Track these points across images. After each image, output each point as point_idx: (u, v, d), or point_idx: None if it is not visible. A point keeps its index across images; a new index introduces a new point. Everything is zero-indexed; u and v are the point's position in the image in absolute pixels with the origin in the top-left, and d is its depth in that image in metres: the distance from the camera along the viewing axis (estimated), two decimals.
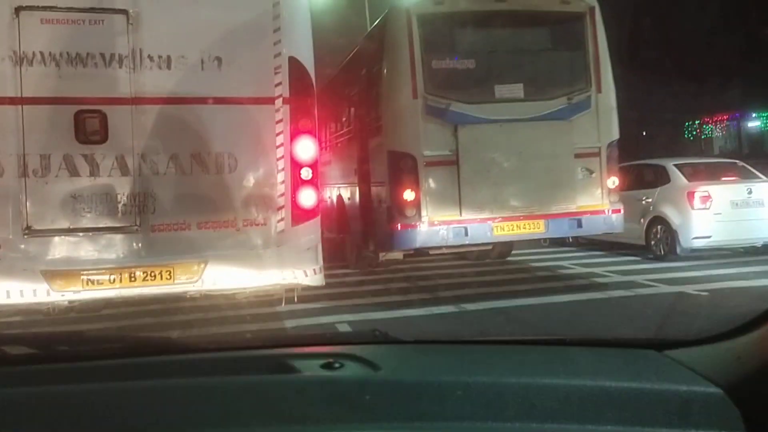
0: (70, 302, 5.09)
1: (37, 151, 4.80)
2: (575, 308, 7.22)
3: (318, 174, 5.43)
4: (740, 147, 25.74)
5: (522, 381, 1.45)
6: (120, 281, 4.94)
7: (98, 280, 4.90)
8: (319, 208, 5.51)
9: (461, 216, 7.80)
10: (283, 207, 5.21)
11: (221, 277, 5.13)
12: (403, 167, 7.84)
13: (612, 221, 8.29)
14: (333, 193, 11.42)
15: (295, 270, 5.26)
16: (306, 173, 5.25)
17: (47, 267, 4.82)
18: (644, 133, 29.02)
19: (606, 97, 8.28)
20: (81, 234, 4.92)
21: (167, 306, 7.00)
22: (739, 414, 1.31)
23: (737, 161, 11.71)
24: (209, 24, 5.12)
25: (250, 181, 5.22)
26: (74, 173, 4.87)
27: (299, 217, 5.27)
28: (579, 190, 8.11)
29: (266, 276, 5.23)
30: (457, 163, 7.81)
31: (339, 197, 11.10)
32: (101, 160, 4.91)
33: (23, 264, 4.80)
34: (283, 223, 5.22)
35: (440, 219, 7.79)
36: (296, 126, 5.22)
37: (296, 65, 5.23)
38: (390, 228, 7.97)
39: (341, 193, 11.00)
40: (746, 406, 1.32)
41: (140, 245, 5.00)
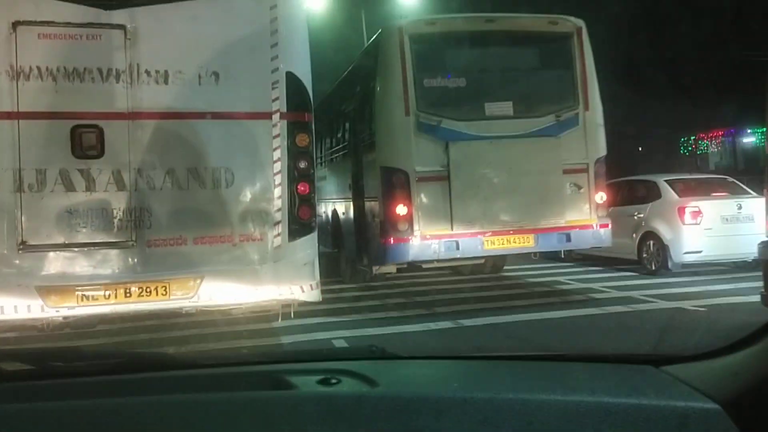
0: (65, 318, 5.04)
1: (33, 166, 4.78)
2: (573, 324, 7.20)
3: (315, 189, 5.43)
4: (735, 162, 25.88)
5: (519, 397, 1.44)
6: (115, 297, 4.91)
7: (93, 296, 4.87)
8: (316, 223, 5.50)
9: (452, 230, 7.97)
10: (280, 222, 5.21)
11: (217, 293, 5.10)
12: (396, 182, 8.00)
13: (600, 235, 8.45)
14: (328, 208, 11.51)
15: (292, 285, 5.24)
16: (303, 188, 5.26)
17: (42, 283, 4.80)
18: (640, 149, 29.17)
19: (593, 115, 8.48)
20: (76, 249, 4.90)
21: (163, 322, 6.96)
22: (737, 430, 1.31)
23: (727, 177, 11.81)
24: (207, 39, 5.14)
25: (247, 196, 5.21)
26: (70, 188, 4.86)
27: (296, 232, 5.26)
28: (567, 205, 8.29)
29: (263, 291, 5.20)
30: (449, 179, 7.98)
31: (334, 212, 11.20)
32: (97, 175, 4.90)
33: (17, 280, 4.77)
34: (280, 238, 5.21)
35: (432, 233, 7.95)
36: (293, 141, 5.22)
37: (293, 80, 5.24)
38: (383, 242, 8.11)
39: (336, 208, 11.09)
40: (744, 422, 1.31)
41: (136, 260, 4.97)
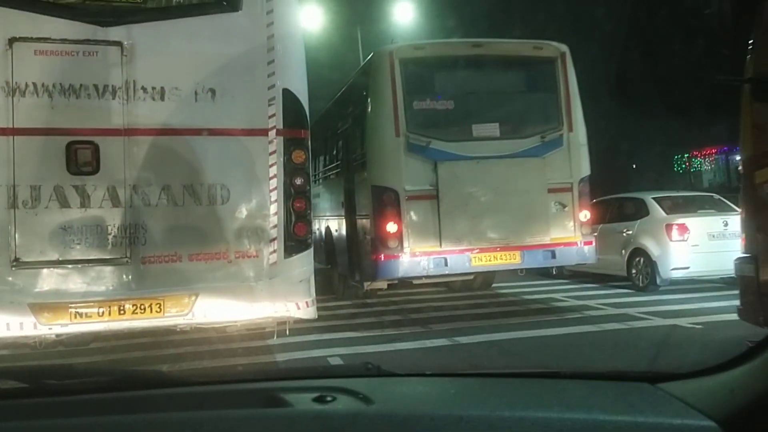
0: (58, 336, 4.99)
1: (28, 182, 4.76)
2: (569, 341, 7.19)
3: (311, 205, 5.43)
4: (729, 180, 25.97)
5: (515, 414, 1.44)
6: (109, 314, 4.86)
7: (86, 313, 4.83)
8: (312, 240, 5.48)
9: (441, 247, 8.21)
10: (276, 239, 5.19)
11: (212, 310, 5.07)
12: (387, 201, 8.24)
13: (584, 252, 8.71)
14: (322, 225, 11.67)
15: (288, 303, 5.21)
16: (299, 205, 5.25)
17: (35, 300, 4.75)
18: (634, 166, 29.28)
19: (577, 136, 8.78)
20: (70, 266, 4.85)
21: (157, 339, 6.93)
22: None
23: (714, 194, 12.01)
24: (203, 56, 5.15)
25: (243, 213, 5.19)
26: (65, 204, 4.83)
27: (292, 249, 5.24)
28: (552, 223, 8.54)
29: (258, 309, 5.17)
30: (437, 197, 8.24)
31: (327, 229, 11.38)
32: (92, 192, 4.88)
33: (10, 297, 4.72)
34: (276, 255, 5.19)
35: (421, 250, 8.19)
36: (289, 157, 5.22)
37: (290, 97, 5.25)
38: (374, 258, 8.32)
39: (330, 225, 11.27)
40: None
41: (130, 277, 4.94)
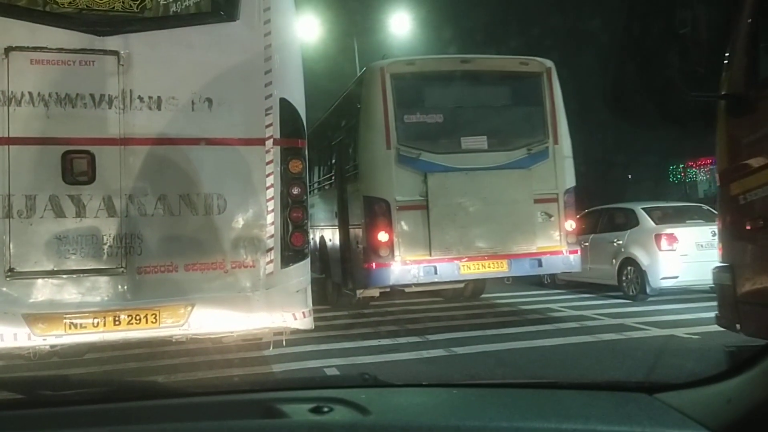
0: (52, 347, 4.95)
1: (23, 192, 4.74)
2: (566, 351, 7.18)
3: (308, 215, 5.42)
4: None
5: (513, 425, 1.43)
6: (104, 325, 4.83)
7: (81, 324, 4.79)
8: (309, 250, 5.47)
9: (431, 256, 8.48)
10: (273, 249, 5.17)
11: (208, 321, 5.05)
12: (378, 211, 8.52)
13: (570, 261, 8.99)
14: (317, 235, 11.86)
15: (284, 313, 5.19)
16: (296, 214, 5.24)
17: (29, 310, 4.72)
18: (630, 176, 29.38)
19: (562, 148, 9.10)
20: (65, 276, 4.83)
21: (153, 350, 6.90)
22: None
23: (703, 205, 12.12)
24: (200, 66, 5.15)
25: (239, 223, 5.18)
26: (60, 214, 4.81)
27: (289, 259, 5.23)
28: (539, 233, 8.83)
29: (254, 319, 5.15)
30: (427, 208, 8.53)
31: (322, 238, 11.63)
32: (88, 201, 4.86)
33: (4, 307, 4.69)
34: (272, 265, 5.17)
35: (412, 258, 8.46)
36: (286, 167, 5.22)
37: (287, 107, 5.25)
38: (366, 267, 8.59)
39: (324, 234, 11.52)
40: None
41: (126, 288, 4.91)
